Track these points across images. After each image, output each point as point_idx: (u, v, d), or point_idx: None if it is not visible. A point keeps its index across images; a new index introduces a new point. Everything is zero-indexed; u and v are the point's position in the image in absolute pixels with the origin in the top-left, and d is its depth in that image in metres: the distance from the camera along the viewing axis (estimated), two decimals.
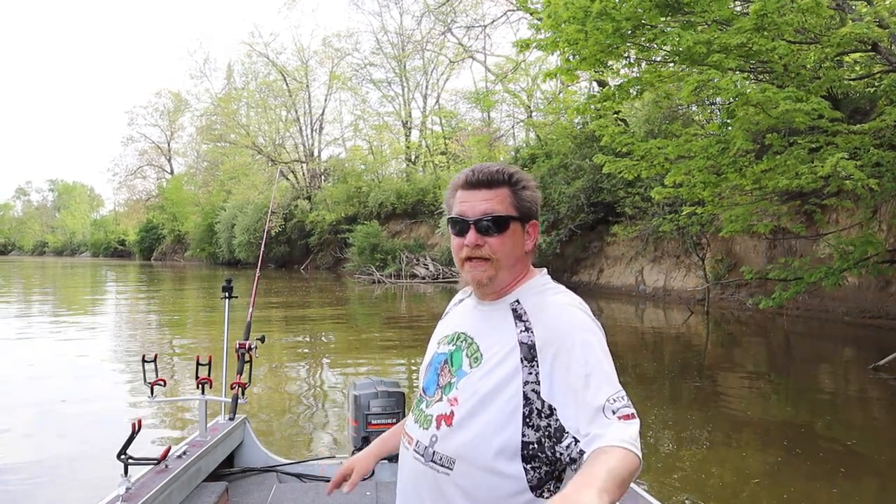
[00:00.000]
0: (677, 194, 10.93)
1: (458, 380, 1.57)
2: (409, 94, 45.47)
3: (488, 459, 1.47)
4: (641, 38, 8.85)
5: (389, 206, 37.86)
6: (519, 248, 1.59)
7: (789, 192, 11.30)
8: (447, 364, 1.63)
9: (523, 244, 1.60)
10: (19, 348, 11.46)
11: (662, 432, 6.51)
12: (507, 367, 1.50)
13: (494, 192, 1.56)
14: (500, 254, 1.56)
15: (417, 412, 1.65)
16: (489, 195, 1.55)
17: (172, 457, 3.20)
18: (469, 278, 1.61)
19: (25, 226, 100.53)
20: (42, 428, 6.74)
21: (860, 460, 5.69)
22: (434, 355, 1.70)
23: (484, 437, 1.48)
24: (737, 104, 7.79)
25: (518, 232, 1.58)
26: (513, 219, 1.56)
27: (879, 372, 8.69)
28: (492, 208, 1.54)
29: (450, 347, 1.66)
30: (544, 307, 1.55)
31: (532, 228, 1.62)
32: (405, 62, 44.77)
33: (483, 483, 1.48)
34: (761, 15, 7.72)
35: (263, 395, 7.89)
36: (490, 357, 1.54)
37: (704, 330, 14.26)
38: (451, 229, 1.60)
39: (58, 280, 35.73)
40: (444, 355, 1.66)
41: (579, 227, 21.86)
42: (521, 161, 24.11)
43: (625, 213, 19.73)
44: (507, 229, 1.55)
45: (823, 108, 8.19)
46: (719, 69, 8.14)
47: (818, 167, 8.25)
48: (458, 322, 1.71)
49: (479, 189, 1.56)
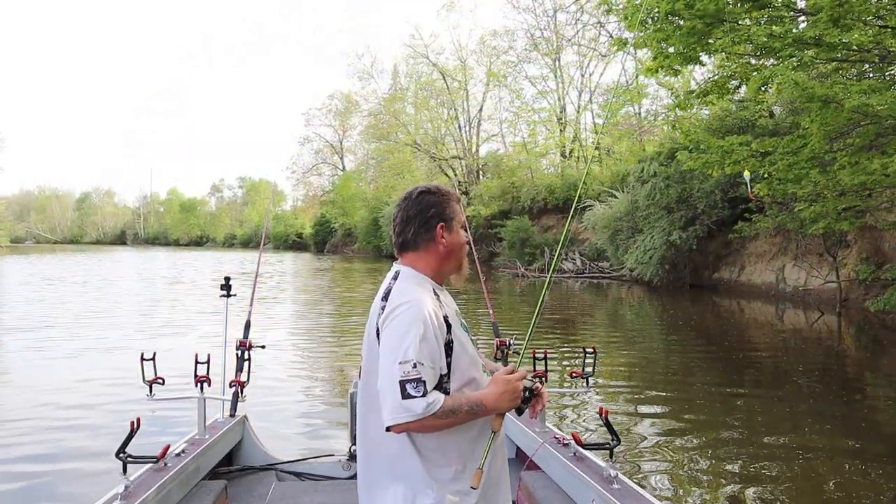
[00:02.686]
0: (785, 190, 10.58)
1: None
2: (563, 90, 45.38)
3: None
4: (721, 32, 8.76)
5: (541, 200, 38.01)
6: None
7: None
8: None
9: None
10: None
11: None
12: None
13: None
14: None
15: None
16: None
17: (171, 455, 3.20)
18: (466, 272, 2.11)
19: (218, 219, 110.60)
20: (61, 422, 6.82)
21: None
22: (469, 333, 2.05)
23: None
24: (801, 101, 7.55)
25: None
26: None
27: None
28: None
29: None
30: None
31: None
32: (559, 57, 44.73)
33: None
34: (837, 5, 7.47)
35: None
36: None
37: (834, 334, 13.50)
38: (465, 233, 2.08)
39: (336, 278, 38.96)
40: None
41: (716, 223, 21.12)
42: (663, 156, 23.52)
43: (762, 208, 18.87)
44: None
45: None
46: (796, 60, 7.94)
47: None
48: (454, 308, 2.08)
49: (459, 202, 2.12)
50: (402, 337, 1.79)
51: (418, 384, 1.74)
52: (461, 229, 2.06)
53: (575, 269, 31.25)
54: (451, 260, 2.04)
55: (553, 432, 3.82)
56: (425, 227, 2.00)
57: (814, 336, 13.35)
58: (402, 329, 1.80)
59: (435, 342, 1.82)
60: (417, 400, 1.73)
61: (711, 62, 10.43)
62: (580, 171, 39.90)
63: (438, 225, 2.00)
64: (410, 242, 2.01)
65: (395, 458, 1.88)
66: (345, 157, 76.89)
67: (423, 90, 54.09)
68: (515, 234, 34.94)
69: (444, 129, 53.26)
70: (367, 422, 1.95)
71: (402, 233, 2.03)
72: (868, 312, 15.23)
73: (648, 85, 34.80)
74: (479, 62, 51.16)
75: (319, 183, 79.41)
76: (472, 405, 1.83)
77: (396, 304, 1.86)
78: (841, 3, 7.45)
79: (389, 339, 1.82)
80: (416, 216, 2.01)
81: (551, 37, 45.10)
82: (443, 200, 2.04)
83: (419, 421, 1.75)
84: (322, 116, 75.52)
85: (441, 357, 1.84)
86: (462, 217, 2.08)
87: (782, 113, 19.01)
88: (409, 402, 1.73)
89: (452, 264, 2.05)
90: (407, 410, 1.73)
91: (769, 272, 20.54)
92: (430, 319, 1.83)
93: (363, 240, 58.35)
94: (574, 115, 45.25)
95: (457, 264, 2.07)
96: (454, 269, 2.07)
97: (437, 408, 1.75)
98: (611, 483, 2.94)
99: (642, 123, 37.50)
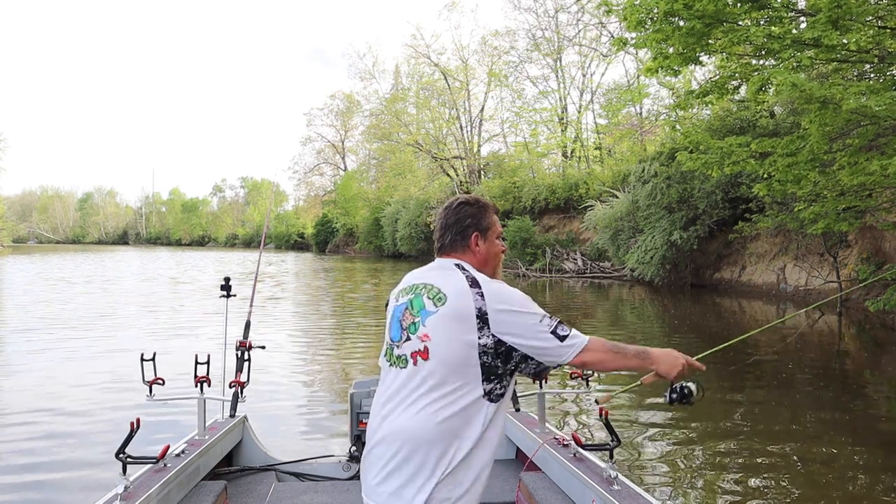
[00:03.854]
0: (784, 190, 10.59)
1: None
2: (564, 90, 45.44)
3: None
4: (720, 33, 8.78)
5: (542, 200, 38.05)
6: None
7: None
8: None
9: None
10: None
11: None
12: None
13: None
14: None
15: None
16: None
17: (171, 455, 3.20)
18: (501, 278, 2.17)
19: (220, 219, 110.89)
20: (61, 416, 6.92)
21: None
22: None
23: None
24: (799, 102, 7.56)
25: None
26: None
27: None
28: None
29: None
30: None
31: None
32: (560, 57, 44.78)
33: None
34: (835, 6, 7.48)
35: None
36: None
37: (835, 333, 13.51)
38: (501, 241, 2.20)
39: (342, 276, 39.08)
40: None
41: (717, 223, 21.13)
42: (664, 156, 23.54)
43: (762, 208, 18.91)
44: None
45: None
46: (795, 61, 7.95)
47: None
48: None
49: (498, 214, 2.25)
50: (525, 304, 1.95)
51: (563, 326, 1.94)
52: (497, 239, 2.18)
53: (576, 268, 31.29)
54: (488, 267, 2.14)
55: (553, 433, 3.82)
56: (461, 234, 2.13)
57: (814, 336, 13.36)
58: (520, 299, 1.96)
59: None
60: (573, 334, 1.93)
61: (712, 62, 10.39)
62: (581, 170, 39.96)
63: (474, 234, 2.12)
64: (448, 247, 2.15)
65: (442, 445, 1.87)
66: (346, 157, 77.13)
67: (425, 90, 54.18)
68: (517, 233, 34.94)
69: (446, 129, 53.31)
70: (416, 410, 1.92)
71: (440, 238, 2.17)
72: (868, 312, 15.25)
73: (650, 85, 34.76)
74: (481, 62, 51.38)
75: (321, 183, 79.66)
76: (639, 350, 2.04)
77: (496, 285, 1.99)
78: (839, 5, 7.47)
79: (517, 308, 1.94)
80: (454, 224, 2.15)
81: (553, 37, 45.20)
82: (479, 211, 2.16)
83: (590, 352, 1.94)
84: (324, 116, 75.81)
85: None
86: (499, 228, 2.20)
87: (783, 113, 19.04)
88: (569, 338, 1.92)
89: (489, 271, 2.13)
90: (574, 339, 1.93)
91: (770, 272, 20.56)
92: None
93: (364, 240, 58.49)
94: (575, 115, 45.29)
95: (492, 271, 2.15)
96: (490, 274, 2.12)
97: (588, 340, 1.94)
98: (611, 484, 2.94)
99: (643, 123, 37.48)
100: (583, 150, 43.33)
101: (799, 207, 11.28)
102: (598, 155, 41.86)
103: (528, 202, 38.80)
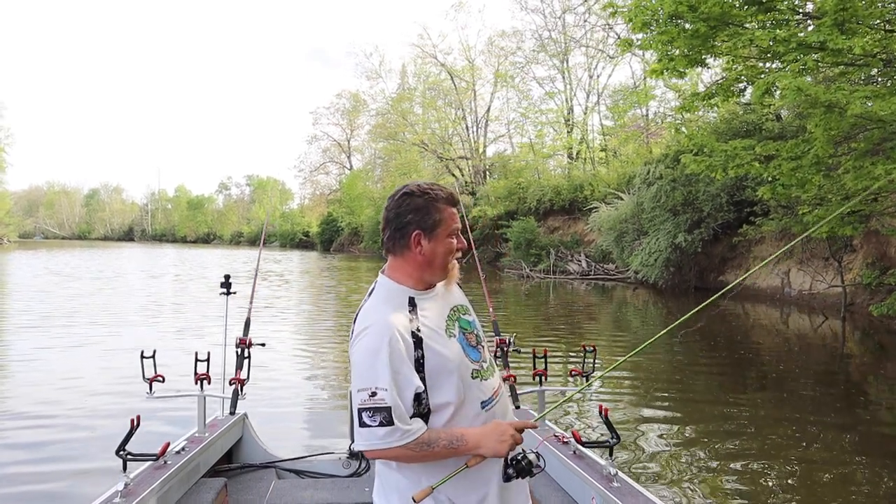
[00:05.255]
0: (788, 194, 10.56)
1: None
2: (571, 91, 45.40)
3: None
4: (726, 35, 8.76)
5: (547, 202, 38.01)
6: None
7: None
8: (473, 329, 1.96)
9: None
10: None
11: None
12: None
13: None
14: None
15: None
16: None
17: (171, 453, 3.21)
18: (451, 271, 1.93)
19: (225, 217, 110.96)
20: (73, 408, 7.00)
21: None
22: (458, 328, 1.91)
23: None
24: (804, 106, 7.54)
25: None
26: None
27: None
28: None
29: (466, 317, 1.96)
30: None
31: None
32: (567, 58, 44.75)
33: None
34: (841, 9, 7.46)
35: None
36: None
37: (839, 338, 13.45)
38: (450, 237, 1.88)
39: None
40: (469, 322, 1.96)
41: (721, 226, 21.08)
42: (669, 158, 23.47)
43: (767, 212, 18.86)
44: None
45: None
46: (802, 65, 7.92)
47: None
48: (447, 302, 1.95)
49: (457, 206, 1.94)
50: (361, 363, 1.72)
51: (375, 413, 1.68)
52: (450, 237, 1.88)
53: (580, 270, 31.24)
54: (432, 268, 1.87)
55: (553, 430, 3.82)
56: (400, 233, 1.85)
57: (818, 340, 13.32)
58: (361, 355, 1.73)
59: (400, 364, 1.71)
60: (374, 429, 1.69)
61: (718, 65, 10.37)
62: (586, 172, 39.92)
63: (414, 233, 1.83)
64: (389, 247, 1.90)
65: (381, 468, 1.92)
66: (352, 155, 77.05)
67: (431, 90, 54.24)
68: (521, 234, 34.91)
69: (452, 130, 53.36)
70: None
71: (382, 235, 1.93)
72: (872, 317, 15.18)
73: (656, 87, 34.71)
74: (487, 63, 51.41)
75: (327, 182, 79.63)
76: (452, 439, 1.75)
77: (360, 328, 1.77)
78: (845, 8, 7.45)
79: (353, 365, 1.76)
80: (393, 220, 1.87)
81: (559, 38, 45.13)
82: (426, 204, 1.85)
83: (387, 449, 1.71)
84: (330, 115, 75.75)
85: (412, 376, 1.73)
86: (453, 222, 1.88)
87: (789, 116, 18.97)
88: (365, 431, 1.71)
89: (435, 272, 1.88)
90: (364, 438, 1.71)
91: (774, 276, 20.49)
92: (394, 341, 1.71)
93: (369, 239, 58.46)
94: (581, 116, 45.27)
95: (440, 271, 1.89)
96: (438, 275, 1.90)
97: (410, 438, 1.70)
98: (611, 481, 2.95)
99: (649, 126, 37.43)
100: (588, 151, 43.28)
101: (803, 211, 11.23)
102: (604, 157, 41.80)
103: (532, 203, 38.75)
